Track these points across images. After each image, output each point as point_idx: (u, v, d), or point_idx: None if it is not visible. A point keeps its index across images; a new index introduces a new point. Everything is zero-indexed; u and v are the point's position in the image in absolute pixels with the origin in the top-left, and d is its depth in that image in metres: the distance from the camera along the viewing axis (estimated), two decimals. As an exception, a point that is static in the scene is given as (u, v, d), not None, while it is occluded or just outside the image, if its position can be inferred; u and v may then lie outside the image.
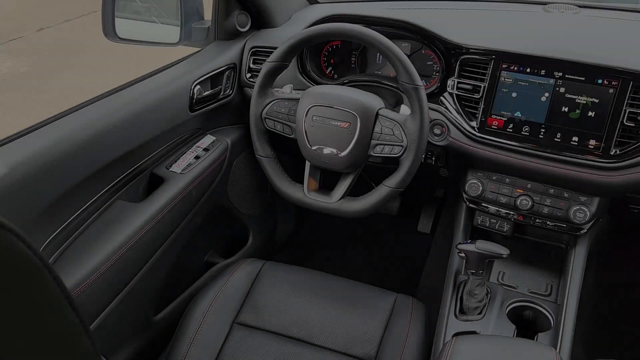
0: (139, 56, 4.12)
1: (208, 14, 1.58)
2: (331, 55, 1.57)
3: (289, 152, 1.55)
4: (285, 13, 1.64)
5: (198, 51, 1.55)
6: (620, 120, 1.19)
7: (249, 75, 1.56)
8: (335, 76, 1.58)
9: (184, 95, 1.38)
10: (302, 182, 1.34)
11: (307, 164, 1.32)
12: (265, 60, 1.33)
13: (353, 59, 1.56)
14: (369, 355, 1.17)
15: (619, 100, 1.19)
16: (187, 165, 1.38)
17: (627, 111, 1.18)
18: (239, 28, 1.56)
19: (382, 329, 1.22)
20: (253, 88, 1.33)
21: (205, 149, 1.46)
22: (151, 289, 1.31)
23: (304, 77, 1.50)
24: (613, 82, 1.19)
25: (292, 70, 1.49)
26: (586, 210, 1.30)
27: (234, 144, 1.57)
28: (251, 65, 1.55)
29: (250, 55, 1.55)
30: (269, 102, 1.30)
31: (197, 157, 1.42)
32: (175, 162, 1.39)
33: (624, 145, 1.21)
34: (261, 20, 1.59)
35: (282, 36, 1.53)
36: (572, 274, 1.36)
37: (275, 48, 1.30)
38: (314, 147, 1.26)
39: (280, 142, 1.36)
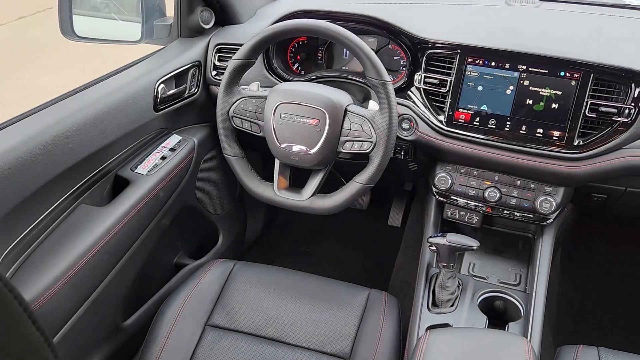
0: (100, 54, 4.01)
1: (170, 11, 1.54)
2: (298, 52, 1.56)
3: (257, 150, 1.53)
4: (249, 9, 1.61)
5: (161, 49, 1.51)
6: (583, 111, 1.22)
7: (214, 73, 1.53)
8: (302, 72, 1.57)
9: (147, 94, 1.34)
10: (271, 181, 1.32)
11: (277, 162, 1.30)
12: (230, 57, 1.30)
13: (320, 54, 1.55)
14: (344, 352, 1.17)
15: (581, 92, 1.22)
16: (153, 167, 1.35)
17: (589, 103, 1.21)
18: (202, 25, 1.53)
19: (356, 325, 1.22)
20: (219, 86, 1.31)
21: (172, 149, 1.43)
22: (119, 294, 1.28)
23: (270, 74, 1.48)
24: (575, 75, 1.22)
25: (259, 68, 1.47)
26: (552, 200, 1.33)
27: (201, 143, 1.54)
28: (216, 63, 1.53)
29: (215, 53, 1.52)
30: (236, 101, 1.28)
31: (163, 158, 1.39)
32: (141, 163, 1.35)
33: (587, 136, 1.24)
34: (225, 17, 1.57)
35: (247, 33, 1.51)
36: (540, 263, 1.39)
37: (240, 45, 1.28)
38: (283, 145, 1.24)
39: (249, 140, 1.34)
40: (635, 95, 1.18)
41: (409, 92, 1.38)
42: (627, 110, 1.19)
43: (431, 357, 0.97)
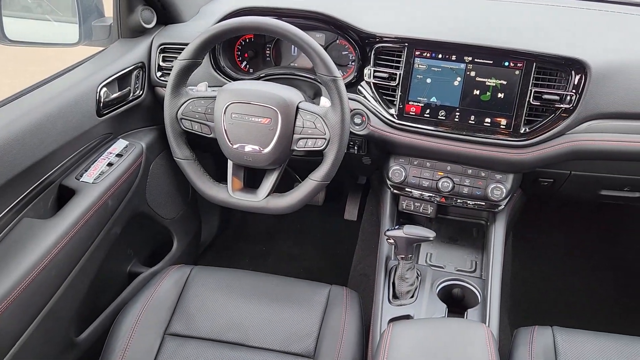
0: (36, 57, 3.82)
1: (109, 11, 1.48)
2: (245, 49, 1.53)
3: (209, 152, 1.50)
4: (192, 7, 1.57)
5: (101, 51, 1.45)
6: (527, 99, 1.26)
7: (159, 74, 1.48)
8: (251, 70, 1.54)
9: (89, 99, 1.29)
10: (225, 182, 1.30)
11: (230, 163, 1.28)
12: (176, 57, 1.27)
13: (268, 52, 1.53)
14: (307, 351, 1.17)
15: (525, 81, 1.25)
16: (100, 174, 1.30)
17: (533, 91, 1.25)
18: (144, 24, 1.47)
19: (318, 323, 1.22)
20: (165, 87, 1.27)
21: (119, 155, 1.38)
22: (71, 309, 1.23)
23: (218, 74, 1.45)
24: (518, 64, 1.25)
25: (206, 67, 1.43)
26: (502, 187, 1.36)
27: (149, 146, 1.50)
28: (161, 64, 1.48)
29: (159, 53, 1.48)
30: (184, 102, 1.25)
31: (110, 164, 1.34)
32: (86, 171, 1.29)
33: (532, 123, 1.28)
34: (167, 16, 1.52)
35: (191, 31, 1.47)
36: (493, 249, 1.43)
37: (185, 44, 1.25)
38: (235, 146, 1.22)
39: (200, 142, 1.31)
40: (576, 82, 1.23)
41: (359, 87, 1.39)
42: (568, 97, 1.23)
43: (395, 351, 0.98)
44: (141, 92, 1.48)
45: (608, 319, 1.88)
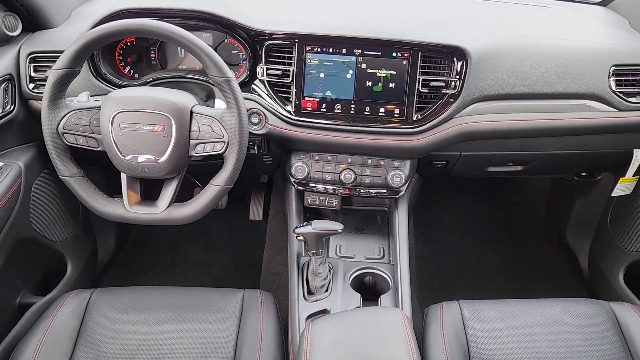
0: None
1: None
2: (127, 53, 1.44)
3: (98, 165, 1.39)
4: (62, 10, 1.45)
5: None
6: (417, 87, 1.31)
7: (31, 86, 1.35)
8: (136, 76, 1.45)
9: None
10: (120, 196, 1.21)
11: (123, 176, 1.20)
12: (49, 67, 1.16)
13: (152, 55, 1.45)
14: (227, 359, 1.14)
15: (413, 70, 1.30)
16: None
17: (421, 79, 1.30)
18: (7, 32, 1.33)
19: (235, 330, 1.19)
20: (41, 100, 1.15)
21: None
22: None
23: (100, 81, 1.35)
24: (405, 54, 1.30)
25: (85, 75, 1.33)
26: (401, 173, 1.41)
27: (29, 165, 1.37)
28: (32, 75, 1.35)
29: (29, 63, 1.34)
30: (65, 115, 1.14)
31: (-17, 190, 1.20)
32: None
33: (423, 110, 1.33)
34: (34, 21, 1.39)
35: (65, 37, 1.36)
36: (399, 234, 1.48)
37: (59, 52, 1.14)
38: (127, 157, 1.14)
39: (86, 154, 1.21)
40: (458, 69, 1.30)
41: (253, 86, 1.36)
42: (453, 83, 1.30)
43: (317, 350, 0.98)
44: (12, 107, 1.34)
45: (506, 284, 2.03)
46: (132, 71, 1.46)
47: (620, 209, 1.75)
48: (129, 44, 1.44)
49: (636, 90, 1.38)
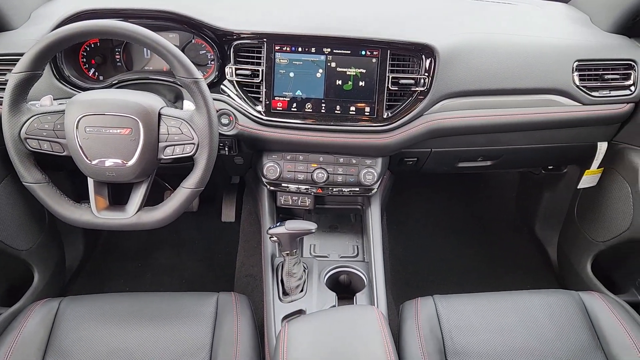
0: None
1: None
2: (91, 55, 1.40)
3: (63, 169, 1.36)
4: (21, 11, 1.40)
5: None
6: (386, 85, 1.31)
7: None
8: (101, 78, 1.42)
9: None
10: (87, 202, 1.18)
11: (90, 181, 1.16)
12: (9, 70, 1.12)
13: (118, 56, 1.41)
14: None
15: (382, 68, 1.30)
16: None
17: (390, 77, 1.31)
18: None
19: (210, 334, 1.18)
20: (1, 105, 1.11)
21: None
22: None
23: (64, 84, 1.31)
24: (374, 52, 1.30)
25: (48, 78, 1.29)
26: (373, 171, 1.42)
27: None
28: None
29: None
30: (27, 120, 1.11)
31: (-58, 200, 1.15)
32: None
33: (393, 108, 1.34)
34: None
35: (24, 39, 1.31)
36: (372, 231, 1.48)
37: (19, 55, 1.10)
38: (94, 162, 1.11)
39: (52, 160, 1.17)
40: (427, 66, 1.31)
41: (222, 86, 1.35)
42: (422, 80, 1.31)
43: (294, 352, 0.97)
44: None
45: (479, 278, 2.06)
46: (96, 73, 1.42)
47: (586, 201, 1.79)
48: (92, 45, 1.40)
49: (598, 84, 1.42)
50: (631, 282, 1.62)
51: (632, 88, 1.43)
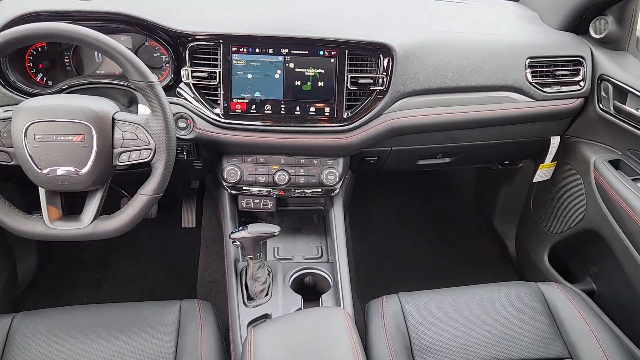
0: None
1: None
2: (38, 59, 1.34)
3: (11, 179, 1.29)
4: None
5: None
6: (345, 85, 1.31)
7: None
8: (50, 83, 1.36)
9: None
10: (39, 212, 1.13)
11: (42, 191, 1.12)
12: None
13: (67, 60, 1.36)
14: None
15: (341, 68, 1.30)
16: None
17: (349, 77, 1.31)
18: None
19: (173, 344, 1.14)
20: None
21: None
22: None
23: (10, 91, 1.25)
24: (332, 52, 1.30)
25: (-9, 84, 1.23)
26: (335, 171, 1.41)
27: None
28: None
29: None
30: None
31: None
32: None
33: (353, 107, 1.34)
34: None
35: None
36: (336, 232, 1.48)
37: None
38: (45, 171, 1.07)
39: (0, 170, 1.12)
40: (385, 65, 1.32)
41: (178, 89, 1.31)
42: (380, 80, 1.31)
43: (260, 358, 0.96)
44: None
45: (442, 273, 2.09)
46: (44, 78, 1.36)
47: (542, 194, 1.84)
48: (39, 49, 1.34)
49: (550, 80, 1.46)
50: (586, 272, 1.68)
51: (582, 83, 1.48)
